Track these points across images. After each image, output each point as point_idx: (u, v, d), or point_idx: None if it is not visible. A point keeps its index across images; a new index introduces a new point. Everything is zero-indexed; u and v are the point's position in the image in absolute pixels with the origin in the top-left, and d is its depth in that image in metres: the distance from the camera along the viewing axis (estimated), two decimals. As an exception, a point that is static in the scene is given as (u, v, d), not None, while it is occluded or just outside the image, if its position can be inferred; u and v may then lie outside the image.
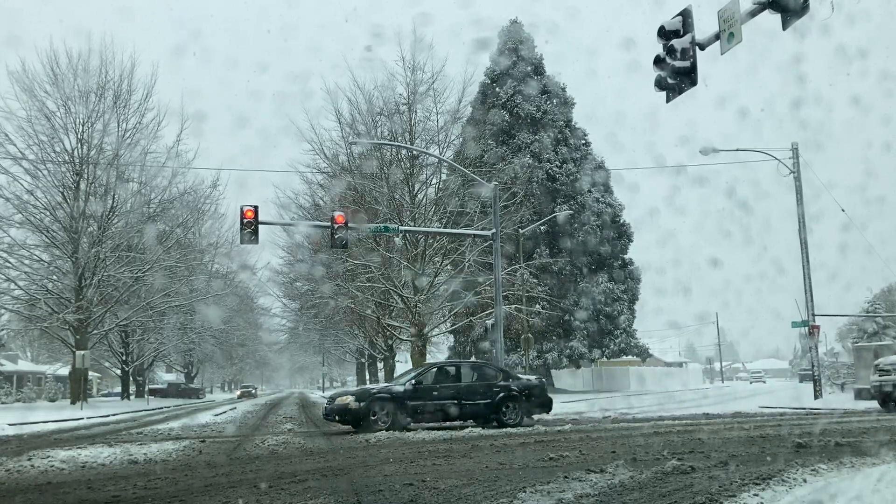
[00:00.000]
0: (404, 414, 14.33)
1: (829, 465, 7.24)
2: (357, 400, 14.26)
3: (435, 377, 15.41)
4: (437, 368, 15.93)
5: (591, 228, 37.62)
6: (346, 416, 14.27)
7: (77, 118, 28.05)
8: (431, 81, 31.82)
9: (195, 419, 22.38)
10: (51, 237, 27.69)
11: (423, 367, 16.37)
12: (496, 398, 15.09)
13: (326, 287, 32.56)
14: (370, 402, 14.18)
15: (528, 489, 6.34)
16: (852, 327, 46.94)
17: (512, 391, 15.31)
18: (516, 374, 16.63)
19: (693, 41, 10.19)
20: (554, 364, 38.68)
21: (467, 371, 16.07)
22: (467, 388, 15.19)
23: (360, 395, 14.63)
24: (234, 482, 7.59)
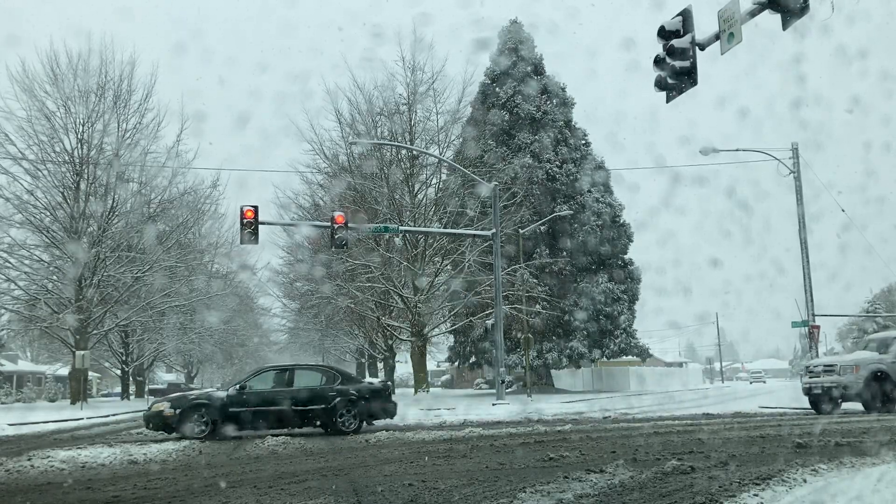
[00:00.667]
0: (226, 421, 13.68)
1: (829, 465, 7.24)
2: (172, 407, 13.70)
3: (265, 382, 14.64)
4: (267, 372, 15.16)
5: (591, 228, 37.61)
6: (161, 424, 13.66)
7: (77, 118, 28.05)
8: (431, 81, 31.87)
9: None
10: (51, 237, 27.69)
11: (253, 372, 15.60)
12: (331, 403, 14.26)
13: (326, 287, 32.57)
14: (187, 409, 13.64)
15: (528, 489, 6.34)
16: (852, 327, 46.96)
17: (350, 395, 14.45)
18: (358, 378, 15.79)
19: (693, 41, 10.20)
20: (554, 364, 38.67)
21: (302, 375, 15.10)
22: (300, 393, 14.34)
23: (176, 401, 14.04)
24: (234, 482, 7.59)
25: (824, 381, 17.24)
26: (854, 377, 16.67)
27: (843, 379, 16.84)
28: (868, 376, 16.56)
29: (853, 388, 16.58)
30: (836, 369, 17.17)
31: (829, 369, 17.40)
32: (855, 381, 16.59)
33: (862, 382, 16.51)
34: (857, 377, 16.61)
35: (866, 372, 16.63)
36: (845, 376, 16.85)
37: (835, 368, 17.25)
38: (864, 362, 17.03)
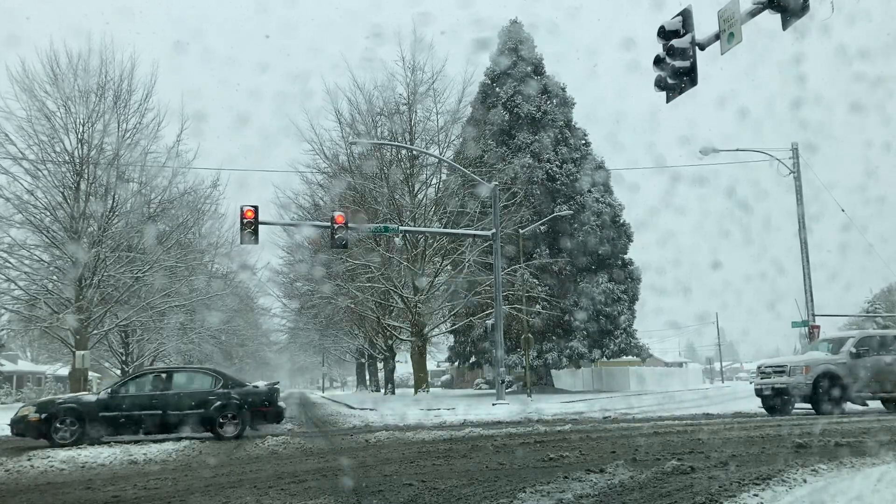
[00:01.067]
0: (96, 426, 13.33)
1: (829, 465, 7.24)
2: (38, 411, 13.40)
3: (140, 386, 14.21)
4: (144, 376, 14.75)
5: (591, 228, 37.59)
6: (26, 429, 13.32)
7: (77, 118, 28.00)
8: (431, 81, 31.87)
9: None
10: (51, 237, 27.67)
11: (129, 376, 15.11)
12: (211, 408, 13.78)
13: (326, 287, 32.58)
14: (53, 413, 13.24)
15: (528, 489, 6.34)
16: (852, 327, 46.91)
17: (231, 400, 13.98)
18: (242, 381, 15.19)
19: (693, 41, 10.20)
20: (554, 364, 38.65)
21: (181, 379, 14.65)
22: (177, 398, 13.87)
23: (43, 406, 13.73)
24: (234, 482, 7.59)
25: (774, 382, 16.94)
26: (803, 378, 16.36)
27: (793, 380, 16.51)
28: (817, 377, 16.28)
29: (802, 389, 16.28)
30: (786, 370, 16.85)
31: (779, 370, 17.06)
32: (804, 383, 16.29)
33: (811, 383, 16.22)
34: (806, 378, 16.31)
35: (816, 373, 16.35)
36: (794, 377, 16.52)
37: (784, 369, 16.92)
38: (813, 363, 16.74)
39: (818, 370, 16.35)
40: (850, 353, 16.59)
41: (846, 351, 16.74)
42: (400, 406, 24.68)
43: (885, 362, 16.71)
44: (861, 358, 16.56)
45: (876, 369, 16.56)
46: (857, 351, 16.66)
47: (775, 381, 16.95)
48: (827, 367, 16.41)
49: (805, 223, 24.92)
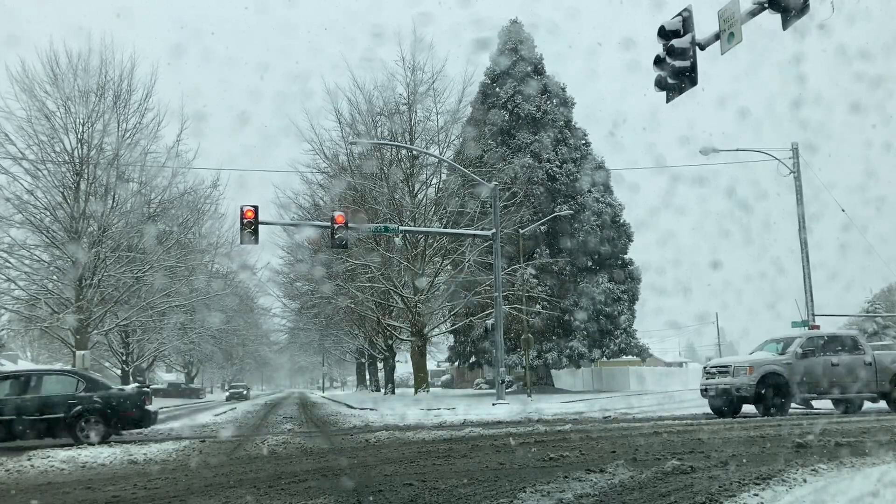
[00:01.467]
0: None
1: (829, 465, 7.24)
2: None
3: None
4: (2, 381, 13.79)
5: (591, 228, 37.60)
6: None
7: (77, 118, 28.04)
8: (431, 81, 31.88)
9: (195, 419, 22.39)
10: (51, 237, 27.69)
11: None
12: (70, 413, 13.13)
13: (326, 287, 32.59)
14: None
15: (528, 489, 6.34)
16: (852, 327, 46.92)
17: (94, 404, 13.34)
18: (107, 384, 14.40)
19: (693, 41, 10.20)
20: (554, 364, 38.66)
21: (39, 382, 13.74)
22: (33, 402, 13.15)
23: None
24: (234, 482, 7.59)
25: (719, 383, 16.47)
26: (747, 379, 15.84)
27: (736, 381, 15.99)
28: (761, 378, 15.78)
29: (746, 390, 15.78)
30: (730, 370, 16.37)
31: (724, 370, 16.59)
32: (748, 384, 15.77)
33: (755, 384, 15.72)
34: (749, 379, 15.79)
35: (760, 373, 15.84)
36: (738, 378, 16.01)
37: (728, 369, 16.44)
38: (758, 363, 16.24)
39: (762, 371, 15.89)
40: (796, 354, 16.17)
41: (792, 351, 16.31)
42: (400, 406, 24.69)
43: (832, 363, 16.35)
44: (807, 358, 16.16)
45: (823, 370, 16.18)
46: (803, 351, 16.24)
47: (719, 381, 16.52)
48: (772, 368, 15.97)
49: (805, 223, 24.91)
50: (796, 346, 16.41)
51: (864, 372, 16.53)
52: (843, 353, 16.66)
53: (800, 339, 16.78)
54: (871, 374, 16.59)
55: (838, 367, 16.32)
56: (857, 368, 16.51)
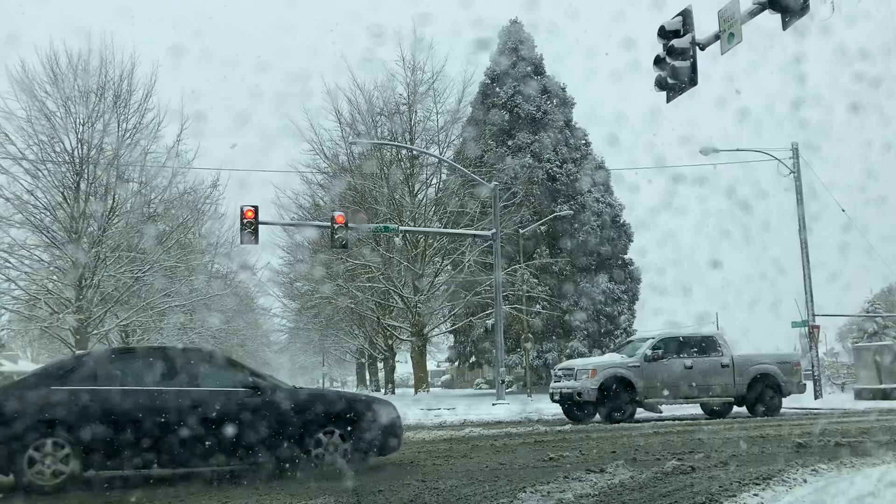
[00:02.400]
0: None
1: (829, 465, 7.24)
2: None
3: None
4: None
5: (591, 228, 37.59)
6: None
7: (77, 118, 28.01)
8: (431, 81, 31.91)
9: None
10: (51, 237, 27.67)
11: None
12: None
13: (326, 287, 32.58)
14: None
15: (528, 489, 6.34)
16: (852, 327, 46.97)
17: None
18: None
19: (693, 41, 10.20)
20: (554, 364, 38.65)
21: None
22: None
23: None
24: (233, 482, 7.59)
25: (563, 387, 15.54)
26: (589, 383, 14.84)
27: (578, 384, 14.98)
28: (604, 382, 14.84)
29: (587, 394, 14.80)
30: (574, 373, 15.45)
31: (569, 373, 15.67)
32: (590, 387, 14.79)
33: (597, 389, 14.77)
34: (592, 383, 14.81)
35: (603, 377, 14.90)
36: (580, 381, 15.00)
37: (572, 372, 15.53)
38: (602, 366, 15.40)
39: (606, 374, 14.96)
40: (645, 356, 15.29)
41: (641, 353, 15.43)
42: (400, 406, 24.61)
43: (685, 366, 15.44)
44: (657, 361, 15.26)
45: (673, 373, 15.27)
46: (652, 353, 15.33)
47: (564, 385, 15.58)
48: (616, 371, 15.07)
49: (805, 223, 24.89)
50: (647, 347, 15.55)
51: (720, 375, 15.69)
52: (700, 354, 15.75)
53: (651, 341, 15.90)
54: (729, 377, 15.73)
55: (692, 369, 15.42)
56: (714, 371, 15.67)
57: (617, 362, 15.62)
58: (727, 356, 15.93)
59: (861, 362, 24.92)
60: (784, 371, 16.29)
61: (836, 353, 47.84)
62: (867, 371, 24.06)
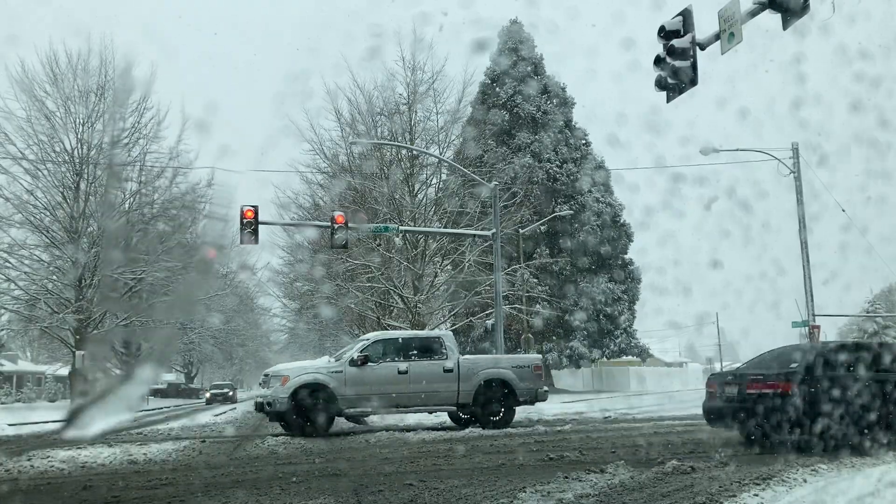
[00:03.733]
0: None
1: (829, 465, 7.24)
2: None
3: None
4: None
5: (591, 228, 37.61)
6: None
7: (77, 118, 28.07)
8: (431, 81, 31.84)
9: (195, 419, 22.37)
10: (51, 237, 27.69)
11: None
12: None
13: (326, 287, 32.55)
14: None
15: (528, 489, 6.34)
16: (852, 327, 46.95)
17: None
18: None
19: (693, 41, 10.19)
20: (554, 364, 38.66)
21: None
22: None
23: None
24: (234, 482, 7.59)
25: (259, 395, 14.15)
26: (281, 390, 13.18)
27: (270, 392, 13.35)
28: (297, 389, 13.17)
29: (279, 404, 13.10)
30: (268, 380, 13.80)
31: (267, 379, 14.00)
32: (281, 396, 13.13)
33: (287, 397, 13.08)
34: (284, 390, 13.16)
35: (296, 384, 13.22)
36: (272, 388, 13.36)
37: (268, 379, 13.86)
38: (297, 371, 13.65)
39: (300, 381, 13.29)
40: (351, 360, 13.67)
41: (347, 357, 13.88)
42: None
43: (398, 370, 13.84)
44: (365, 365, 13.64)
45: (385, 379, 13.69)
46: (359, 357, 13.71)
47: (261, 393, 14.03)
48: (313, 378, 13.40)
49: (805, 223, 24.87)
50: (355, 350, 14.02)
51: (442, 380, 14.00)
52: (420, 358, 14.15)
53: (362, 343, 14.43)
54: (453, 383, 14.05)
55: (407, 374, 13.84)
56: (434, 376, 13.98)
57: (316, 367, 13.98)
58: (452, 360, 14.21)
59: (861, 362, 24.87)
60: (520, 376, 14.46)
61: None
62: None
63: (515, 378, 14.41)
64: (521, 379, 14.46)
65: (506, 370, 14.52)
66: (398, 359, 14.05)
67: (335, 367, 13.71)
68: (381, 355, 14.02)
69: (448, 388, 14.04)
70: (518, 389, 14.33)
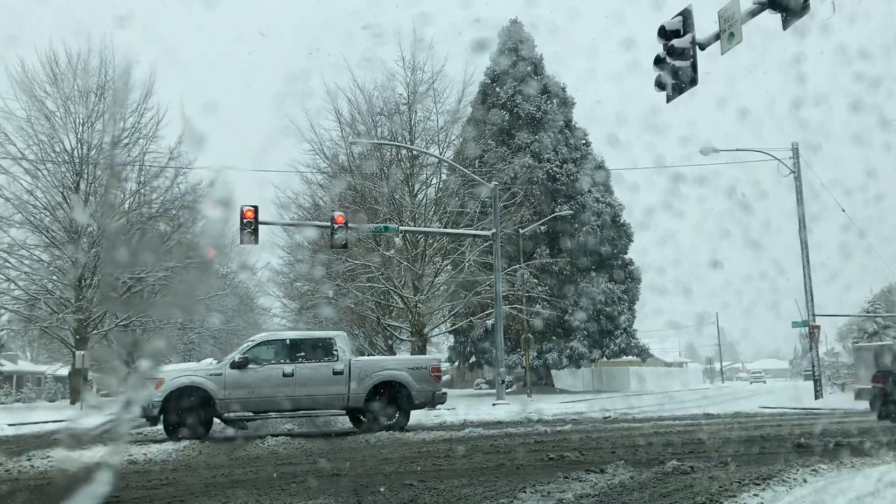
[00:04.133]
0: None
1: (829, 465, 7.24)
2: None
3: None
4: None
5: (591, 228, 37.60)
6: None
7: (77, 118, 28.08)
8: (431, 81, 31.87)
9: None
10: (51, 237, 27.71)
11: None
12: None
13: (326, 287, 32.56)
14: None
15: (528, 489, 6.34)
16: (852, 327, 46.90)
17: None
18: None
19: (693, 41, 10.19)
20: (554, 364, 38.66)
21: None
22: None
23: None
24: (234, 482, 7.59)
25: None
26: (156, 394, 12.56)
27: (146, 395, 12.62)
28: (172, 393, 12.61)
29: (152, 408, 12.54)
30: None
31: None
32: (155, 400, 12.52)
33: (161, 402, 12.54)
34: (158, 394, 12.55)
35: (171, 387, 12.64)
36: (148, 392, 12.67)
37: None
38: (172, 374, 13.10)
39: (175, 384, 12.72)
40: (232, 362, 13.16)
41: (228, 360, 13.42)
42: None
43: (283, 373, 13.27)
44: (247, 368, 13.09)
45: (269, 382, 13.15)
46: (241, 359, 13.18)
47: None
48: (189, 380, 12.89)
49: (805, 223, 24.88)
50: (237, 351, 13.60)
51: (332, 383, 13.53)
52: (309, 359, 13.63)
53: (247, 344, 13.87)
54: (343, 386, 13.57)
55: (292, 376, 13.30)
56: (323, 379, 13.50)
57: (194, 370, 13.55)
58: (342, 362, 13.69)
59: (861, 362, 24.96)
60: (416, 378, 13.99)
61: (836, 353, 47.78)
62: (868, 371, 24.08)
63: (411, 380, 13.93)
64: (418, 381, 13.97)
65: (401, 372, 14.05)
66: (285, 361, 13.48)
67: (215, 370, 13.25)
68: (267, 357, 13.48)
69: (338, 391, 13.55)
70: (414, 392, 13.85)
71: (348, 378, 13.60)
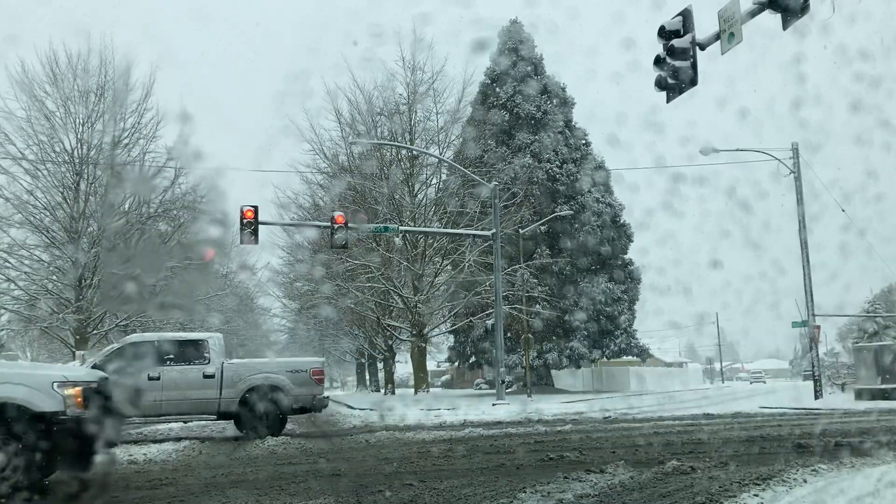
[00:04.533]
0: None
1: (829, 465, 7.24)
2: None
3: None
4: None
5: (591, 229, 37.59)
6: None
7: (77, 118, 28.05)
8: (431, 81, 31.92)
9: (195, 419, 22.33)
10: (51, 237, 27.70)
11: None
12: None
13: (326, 287, 32.58)
14: None
15: (528, 489, 6.34)
16: (852, 327, 46.90)
17: None
18: None
19: (693, 41, 10.20)
20: (554, 364, 38.66)
21: None
22: None
23: None
24: (234, 482, 7.59)
25: None
26: None
27: None
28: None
29: None
30: None
31: None
32: None
33: None
34: None
35: None
36: None
37: None
38: None
39: None
40: (94, 365, 12.27)
41: (90, 362, 12.86)
42: (400, 406, 24.68)
43: (149, 377, 12.84)
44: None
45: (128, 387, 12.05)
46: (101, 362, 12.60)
47: None
48: None
49: (805, 223, 24.87)
50: (100, 354, 13.13)
51: (202, 387, 13.08)
52: (178, 362, 13.17)
53: (111, 346, 13.36)
54: (214, 390, 13.13)
55: (158, 380, 12.82)
56: (192, 383, 13.06)
57: None
58: (214, 365, 13.26)
59: (861, 362, 24.94)
60: (295, 381, 13.44)
61: (836, 353, 47.77)
62: (867, 371, 24.08)
63: (289, 383, 13.36)
64: (297, 384, 13.40)
65: (277, 375, 13.50)
66: (152, 364, 12.97)
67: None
68: (134, 360, 12.85)
69: (208, 396, 13.10)
70: (291, 396, 13.27)
71: (220, 382, 13.16)
